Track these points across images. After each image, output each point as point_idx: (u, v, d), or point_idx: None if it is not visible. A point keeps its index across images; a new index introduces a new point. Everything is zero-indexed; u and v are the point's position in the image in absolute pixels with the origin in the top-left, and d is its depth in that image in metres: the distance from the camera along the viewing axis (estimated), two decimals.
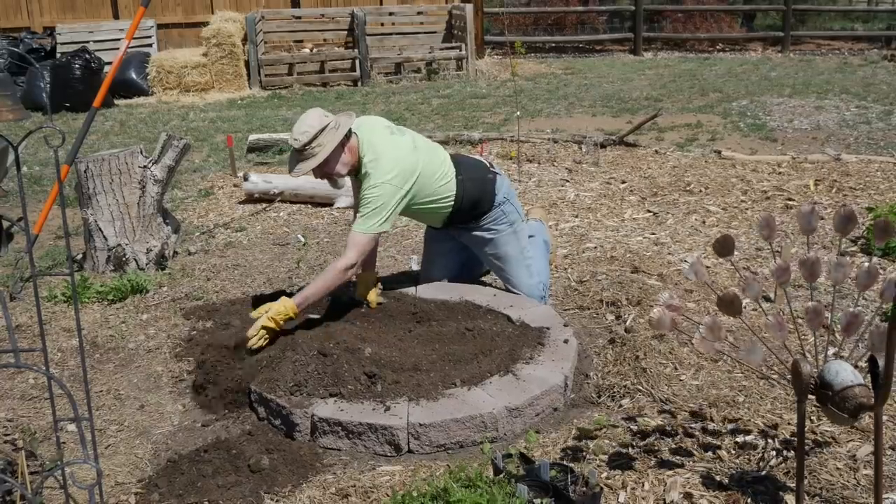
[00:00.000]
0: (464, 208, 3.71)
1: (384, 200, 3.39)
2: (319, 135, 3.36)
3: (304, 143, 3.36)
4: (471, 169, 3.78)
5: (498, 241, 3.81)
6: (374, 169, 3.42)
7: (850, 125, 8.06)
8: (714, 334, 2.38)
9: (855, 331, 2.35)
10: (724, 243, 2.46)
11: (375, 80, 12.11)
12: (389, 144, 3.52)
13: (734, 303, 2.39)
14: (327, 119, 3.42)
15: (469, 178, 3.72)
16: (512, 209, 3.83)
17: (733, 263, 2.75)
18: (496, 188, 3.77)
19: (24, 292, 4.33)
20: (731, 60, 13.62)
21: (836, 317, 2.48)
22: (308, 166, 3.40)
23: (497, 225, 3.79)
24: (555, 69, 13.06)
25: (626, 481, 2.55)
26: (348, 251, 3.38)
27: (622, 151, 7.12)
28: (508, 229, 3.80)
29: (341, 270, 3.34)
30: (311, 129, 3.36)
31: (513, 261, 3.80)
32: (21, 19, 12.66)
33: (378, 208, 3.38)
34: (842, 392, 2.20)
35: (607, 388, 3.14)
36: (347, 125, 3.44)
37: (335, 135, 3.39)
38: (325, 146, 3.37)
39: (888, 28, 16.53)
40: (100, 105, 4.65)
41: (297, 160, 3.44)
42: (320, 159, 3.37)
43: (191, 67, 11.49)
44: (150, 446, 2.88)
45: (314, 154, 3.37)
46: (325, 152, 3.36)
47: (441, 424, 2.75)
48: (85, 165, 4.38)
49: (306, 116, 3.42)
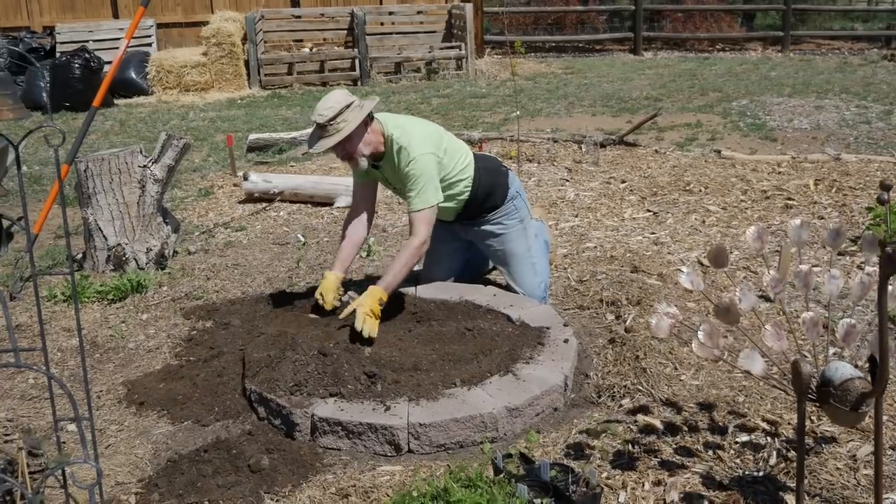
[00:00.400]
0: (478, 198, 3.74)
1: (429, 171, 3.44)
2: (344, 111, 3.36)
3: (328, 118, 3.34)
4: (485, 160, 3.87)
5: (507, 236, 3.82)
6: (407, 141, 3.45)
7: (850, 125, 8.06)
8: (712, 340, 2.38)
9: (853, 340, 2.36)
10: (717, 255, 2.48)
11: (375, 80, 12.11)
12: (413, 123, 3.60)
13: (731, 311, 2.40)
14: (352, 98, 3.43)
15: (485, 167, 3.78)
16: (523, 205, 3.88)
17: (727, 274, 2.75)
18: (509, 181, 3.83)
19: (23, 292, 4.32)
20: (730, 60, 13.62)
21: (835, 315, 2.49)
22: (330, 142, 3.37)
23: (508, 220, 3.82)
24: (555, 69, 13.06)
25: (627, 481, 2.55)
26: (418, 228, 3.42)
27: (622, 151, 7.12)
28: (518, 225, 3.83)
29: (417, 247, 3.41)
30: (337, 104, 3.35)
31: (519, 258, 3.82)
32: (21, 19, 12.65)
33: (427, 181, 3.43)
34: (842, 385, 2.21)
35: (607, 387, 3.14)
36: (370, 106, 3.45)
37: (359, 113, 3.39)
38: (350, 122, 3.36)
39: (888, 28, 16.53)
40: (99, 104, 4.65)
41: (318, 136, 3.41)
42: (343, 135, 3.35)
43: (190, 67, 11.49)
44: (150, 446, 2.88)
45: (339, 130, 3.35)
46: (349, 128, 3.35)
47: (441, 424, 2.75)
48: (85, 165, 4.38)
49: (331, 95, 3.42)
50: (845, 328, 2.35)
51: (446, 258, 3.99)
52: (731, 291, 3.69)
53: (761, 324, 2.81)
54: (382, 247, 4.88)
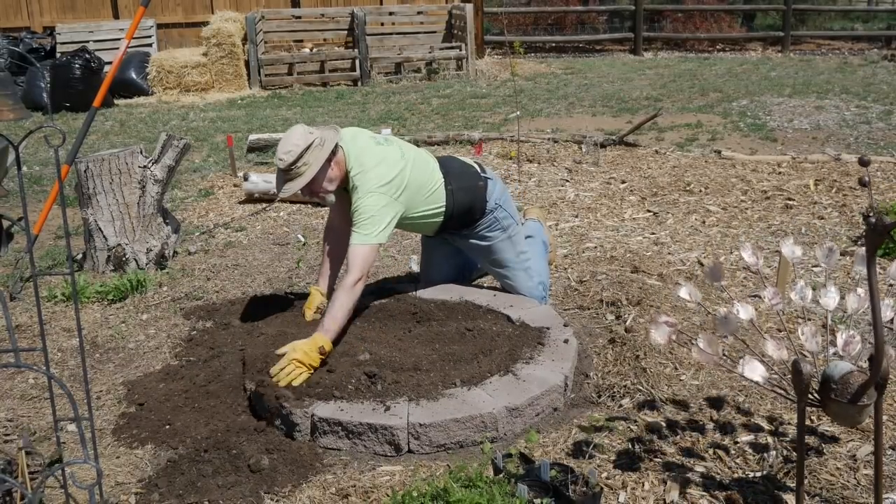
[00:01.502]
0: (455, 216, 3.64)
1: (377, 210, 3.30)
2: (305, 153, 3.27)
3: (289, 162, 3.27)
4: (461, 177, 3.67)
5: (493, 247, 3.75)
6: (361, 181, 3.33)
7: (850, 125, 8.06)
8: (712, 348, 2.39)
9: (853, 350, 2.37)
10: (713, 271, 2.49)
11: (375, 80, 12.11)
12: (376, 156, 3.41)
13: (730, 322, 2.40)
14: (312, 136, 3.32)
15: (459, 187, 3.62)
16: (505, 214, 3.74)
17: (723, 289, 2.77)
18: (487, 195, 3.68)
19: (24, 292, 4.33)
20: (731, 60, 13.62)
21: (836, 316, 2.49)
22: (295, 186, 3.31)
23: (490, 231, 3.72)
24: (555, 69, 13.06)
25: (627, 481, 2.55)
26: (352, 267, 3.24)
27: (622, 151, 7.13)
28: (502, 235, 3.73)
29: (351, 286, 3.20)
30: (296, 147, 3.27)
31: (510, 266, 3.78)
32: (21, 19, 12.66)
33: (372, 217, 3.28)
34: (842, 378, 2.21)
35: (607, 387, 3.14)
36: (333, 141, 3.34)
37: (321, 152, 3.29)
38: (312, 165, 3.28)
39: (888, 28, 16.53)
40: (100, 105, 4.65)
41: (283, 180, 3.35)
42: (307, 179, 3.29)
43: (191, 67, 11.49)
44: (151, 446, 2.88)
45: (300, 173, 3.29)
46: (311, 171, 3.28)
47: (441, 424, 2.75)
48: (85, 165, 4.38)
49: (290, 135, 3.33)
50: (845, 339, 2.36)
51: (442, 261, 3.97)
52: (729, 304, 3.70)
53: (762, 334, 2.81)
54: (382, 247, 4.88)
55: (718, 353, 2.38)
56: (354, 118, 9.28)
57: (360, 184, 3.33)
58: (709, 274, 2.50)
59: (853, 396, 2.20)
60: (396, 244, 4.98)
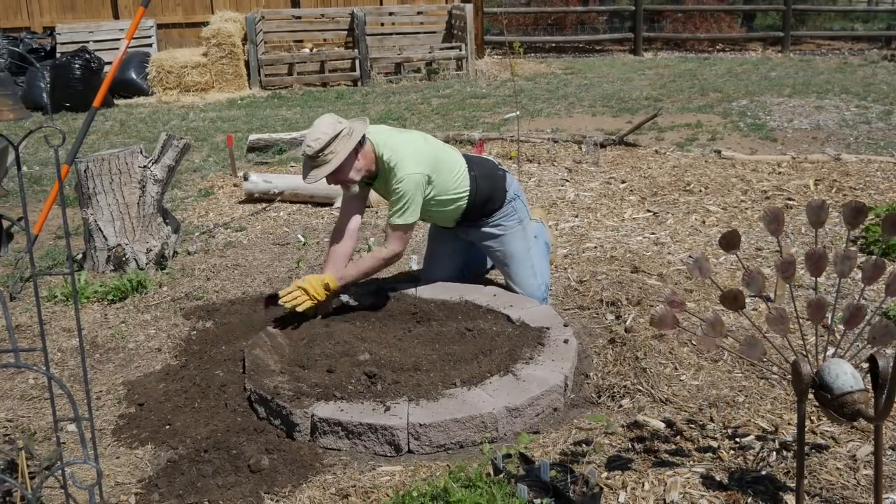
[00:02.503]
0: (477, 204, 3.75)
1: (414, 192, 3.48)
2: (332, 142, 3.39)
3: (316, 149, 3.38)
4: (481, 166, 3.84)
5: (506, 238, 3.83)
6: (397, 164, 3.48)
7: (850, 125, 8.06)
8: (716, 330, 2.38)
9: (857, 324, 2.35)
10: (729, 238, 2.46)
11: (375, 80, 12.11)
12: (405, 141, 3.60)
13: (738, 298, 2.39)
14: (340, 126, 3.43)
15: (481, 174, 3.78)
16: (521, 206, 3.90)
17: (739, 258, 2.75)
18: (507, 185, 3.84)
19: (23, 292, 4.33)
20: (731, 60, 13.62)
21: (836, 317, 2.49)
22: (322, 173, 3.42)
23: (507, 221, 3.83)
24: (555, 69, 13.06)
25: (626, 481, 2.55)
26: (391, 243, 3.52)
27: (622, 151, 7.12)
28: (518, 226, 3.85)
29: (384, 259, 3.51)
30: (325, 136, 3.38)
31: (519, 259, 3.82)
32: (21, 19, 12.66)
33: (411, 199, 3.48)
34: (840, 398, 2.20)
35: (607, 388, 3.14)
36: (361, 132, 3.47)
37: (348, 142, 3.42)
38: (339, 153, 3.39)
39: (888, 28, 16.52)
40: (100, 105, 4.65)
41: (310, 167, 3.46)
42: (334, 166, 3.40)
43: (191, 67, 11.49)
44: (151, 446, 2.88)
45: (327, 161, 3.40)
46: (338, 159, 3.39)
47: (441, 424, 2.75)
48: (85, 165, 4.38)
49: (319, 123, 3.44)
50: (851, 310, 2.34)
51: (446, 259, 4.00)
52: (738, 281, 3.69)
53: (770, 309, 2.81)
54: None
55: (723, 333, 2.37)
56: (354, 118, 9.27)
57: (395, 164, 3.48)
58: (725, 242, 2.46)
59: (849, 417, 2.20)
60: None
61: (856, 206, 2.42)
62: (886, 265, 2.42)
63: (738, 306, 2.39)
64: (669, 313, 2.40)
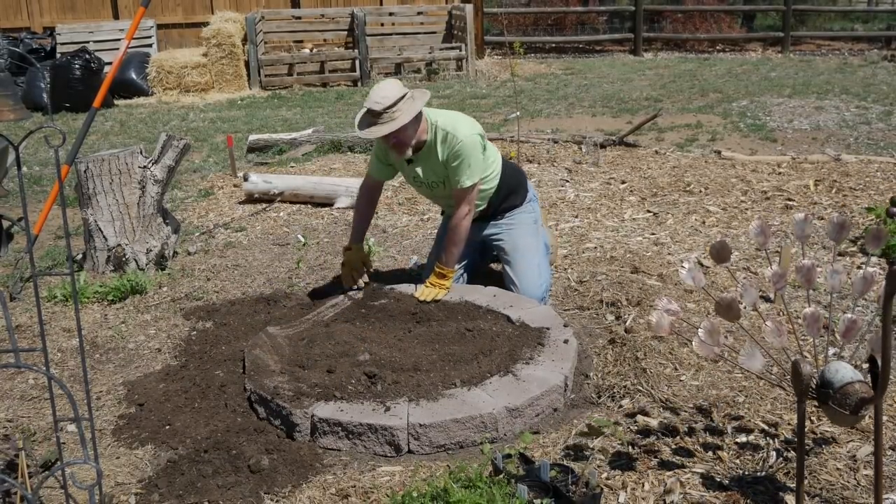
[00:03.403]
0: (501, 195, 3.90)
1: (475, 151, 3.62)
2: (399, 102, 3.48)
3: (385, 106, 3.46)
4: (504, 160, 4.02)
5: (518, 231, 3.94)
6: (454, 127, 3.62)
7: (850, 125, 8.06)
8: (713, 338, 2.39)
9: (854, 336, 2.36)
10: (720, 250, 2.48)
11: (375, 81, 12.10)
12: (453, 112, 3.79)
13: (732, 307, 2.40)
14: (405, 89, 3.55)
15: (509, 166, 3.97)
16: (538, 208, 4.07)
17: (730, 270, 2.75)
18: (528, 185, 4.04)
19: (23, 292, 4.33)
20: (730, 61, 13.62)
21: (835, 317, 2.49)
22: (384, 130, 3.50)
23: (527, 215, 3.99)
24: (555, 69, 13.06)
25: (626, 482, 2.55)
26: (465, 204, 3.65)
27: (622, 151, 7.12)
28: (532, 224, 3.98)
29: (461, 219, 3.65)
30: (393, 95, 3.48)
31: (526, 253, 3.87)
32: (21, 19, 12.66)
33: (474, 159, 3.62)
34: (842, 389, 2.21)
35: (607, 388, 3.14)
36: (423, 100, 3.57)
37: (413, 105, 3.52)
38: (405, 113, 3.49)
39: (888, 28, 16.53)
40: (100, 105, 4.65)
41: (371, 122, 3.54)
42: (399, 125, 3.48)
43: (191, 67, 11.49)
44: (151, 446, 2.88)
45: (392, 119, 3.48)
46: (404, 118, 3.48)
47: (441, 425, 2.75)
48: (85, 165, 4.38)
49: (386, 84, 3.56)
50: (846, 323, 2.35)
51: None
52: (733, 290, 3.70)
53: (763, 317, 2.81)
54: (382, 247, 4.88)
55: (720, 342, 2.37)
56: (354, 118, 9.28)
57: (451, 127, 3.63)
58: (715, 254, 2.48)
59: (853, 409, 2.20)
60: (396, 244, 4.98)
61: (839, 221, 2.46)
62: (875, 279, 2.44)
63: (734, 317, 2.40)
64: (666, 320, 2.41)
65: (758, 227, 2.51)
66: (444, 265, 3.70)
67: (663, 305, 2.45)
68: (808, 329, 2.39)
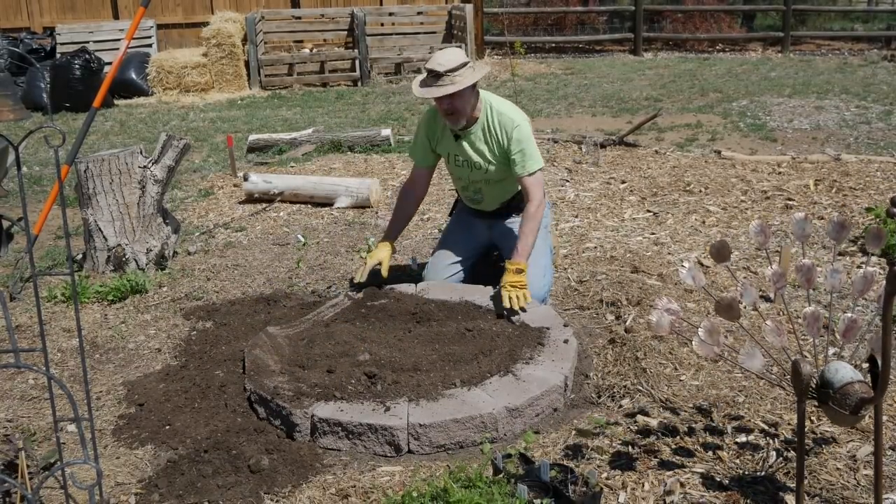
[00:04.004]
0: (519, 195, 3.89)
1: (531, 137, 3.69)
2: (461, 68, 3.53)
3: (448, 68, 3.50)
4: None
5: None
6: (507, 111, 3.70)
7: (850, 125, 8.06)
8: (713, 338, 2.39)
9: (854, 336, 2.36)
10: (720, 249, 2.48)
11: (375, 81, 12.11)
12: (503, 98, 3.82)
13: (732, 307, 2.40)
14: (468, 58, 3.62)
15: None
16: (549, 213, 4.08)
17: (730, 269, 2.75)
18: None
19: (23, 292, 4.33)
20: (730, 60, 13.62)
21: (835, 317, 2.49)
22: (442, 91, 3.51)
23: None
24: (555, 69, 13.06)
25: (626, 481, 2.55)
26: (534, 192, 3.66)
27: (622, 151, 7.12)
28: (543, 231, 3.93)
29: (535, 211, 3.64)
30: (456, 59, 3.54)
31: (534, 256, 3.84)
32: (21, 19, 12.66)
33: (533, 144, 3.68)
34: (842, 389, 2.21)
35: (607, 388, 3.14)
36: (483, 72, 3.67)
37: (473, 73, 3.57)
38: (466, 78, 3.53)
39: (888, 28, 16.52)
40: (100, 105, 4.65)
41: (430, 84, 3.56)
42: (458, 87, 3.51)
43: (191, 68, 11.49)
44: (150, 446, 2.88)
45: (453, 82, 3.52)
46: (465, 82, 3.52)
47: (441, 425, 2.75)
48: (85, 165, 4.38)
49: (449, 50, 3.64)
50: (846, 323, 2.35)
51: (452, 265, 4.02)
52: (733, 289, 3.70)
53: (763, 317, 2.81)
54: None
55: (720, 342, 2.37)
56: (354, 118, 9.28)
57: (505, 111, 3.70)
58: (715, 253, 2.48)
59: (853, 409, 2.20)
60: (396, 244, 4.97)
61: (839, 221, 2.46)
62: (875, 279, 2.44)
63: (734, 317, 2.40)
64: (666, 320, 2.41)
65: (758, 227, 2.51)
66: (520, 259, 3.59)
67: (663, 305, 2.45)
68: (808, 329, 2.39)
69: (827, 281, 2.51)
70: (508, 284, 3.54)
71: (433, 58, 3.58)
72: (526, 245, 3.61)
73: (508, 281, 3.55)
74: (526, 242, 3.61)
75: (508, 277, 3.56)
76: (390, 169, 6.79)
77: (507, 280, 3.55)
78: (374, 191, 5.82)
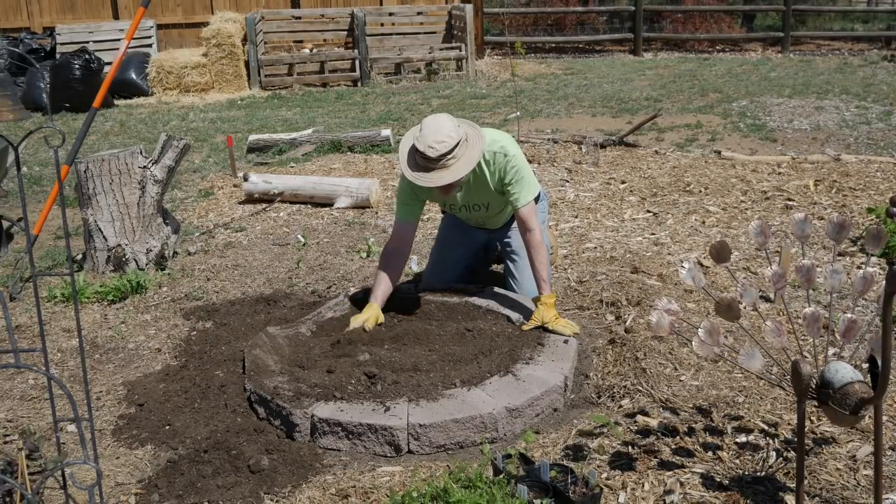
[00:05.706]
0: None
1: (526, 166, 3.58)
2: (457, 147, 3.28)
3: (441, 152, 3.25)
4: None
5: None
6: (500, 146, 3.52)
7: (850, 125, 8.06)
8: (712, 338, 2.39)
9: (854, 336, 2.36)
10: (720, 250, 2.48)
11: (375, 81, 12.11)
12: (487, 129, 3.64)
13: (732, 308, 2.40)
14: (461, 130, 3.34)
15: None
16: (545, 208, 4.03)
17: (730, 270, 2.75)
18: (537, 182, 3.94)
19: (23, 293, 4.33)
20: (730, 61, 13.62)
21: (835, 317, 2.49)
22: (439, 181, 3.29)
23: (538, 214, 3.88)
24: (555, 69, 13.06)
25: (626, 482, 2.55)
26: (531, 222, 3.52)
27: (622, 152, 7.12)
28: (542, 225, 3.88)
29: (540, 241, 3.51)
30: (450, 140, 3.26)
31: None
32: (21, 19, 12.66)
33: (526, 177, 3.55)
34: (842, 389, 2.21)
35: (607, 388, 3.13)
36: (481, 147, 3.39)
37: (470, 153, 3.34)
38: (462, 162, 3.30)
39: (888, 28, 16.52)
40: (99, 105, 4.65)
41: (426, 168, 3.30)
42: (456, 177, 3.30)
43: (191, 68, 11.49)
44: (150, 447, 2.88)
45: (447, 167, 3.28)
46: (462, 169, 3.31)
47: (441, 425, 2.75)
48: (85, 166, 4.38)
49: (441, 125, 3.30)
50: (846, 323, 2.35)
51: (451, 266, 4.02)
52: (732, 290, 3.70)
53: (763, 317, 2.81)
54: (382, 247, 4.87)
55: (720, 342, 2.37)
56: (354, 118, 9.28)
57: (497, 147, 3.51)
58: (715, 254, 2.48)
59: (853, 409, 2.20)
60: None
61: (839, 221, 2.46)
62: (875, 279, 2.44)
63: (734, 317, 2.40)
64: (665, 320, 2.41)
65: (758, 227, 2.51)
66: (549, 291, 3.45)
67: (663, 305, 2.45)
68: (808, 329, 2.39)
69: (827, 281, 2.51)
70: (553, 319, 3.38)
71: (423, 135, 3.26)
72: (545, 276, 3.47)
73: (548, 316, 3.39)
74: (543, 274, 3.47)
75: (547, 314, 3.39)
76: (390, 169, 6.79)
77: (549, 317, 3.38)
78: (374, 191, 5.82)
